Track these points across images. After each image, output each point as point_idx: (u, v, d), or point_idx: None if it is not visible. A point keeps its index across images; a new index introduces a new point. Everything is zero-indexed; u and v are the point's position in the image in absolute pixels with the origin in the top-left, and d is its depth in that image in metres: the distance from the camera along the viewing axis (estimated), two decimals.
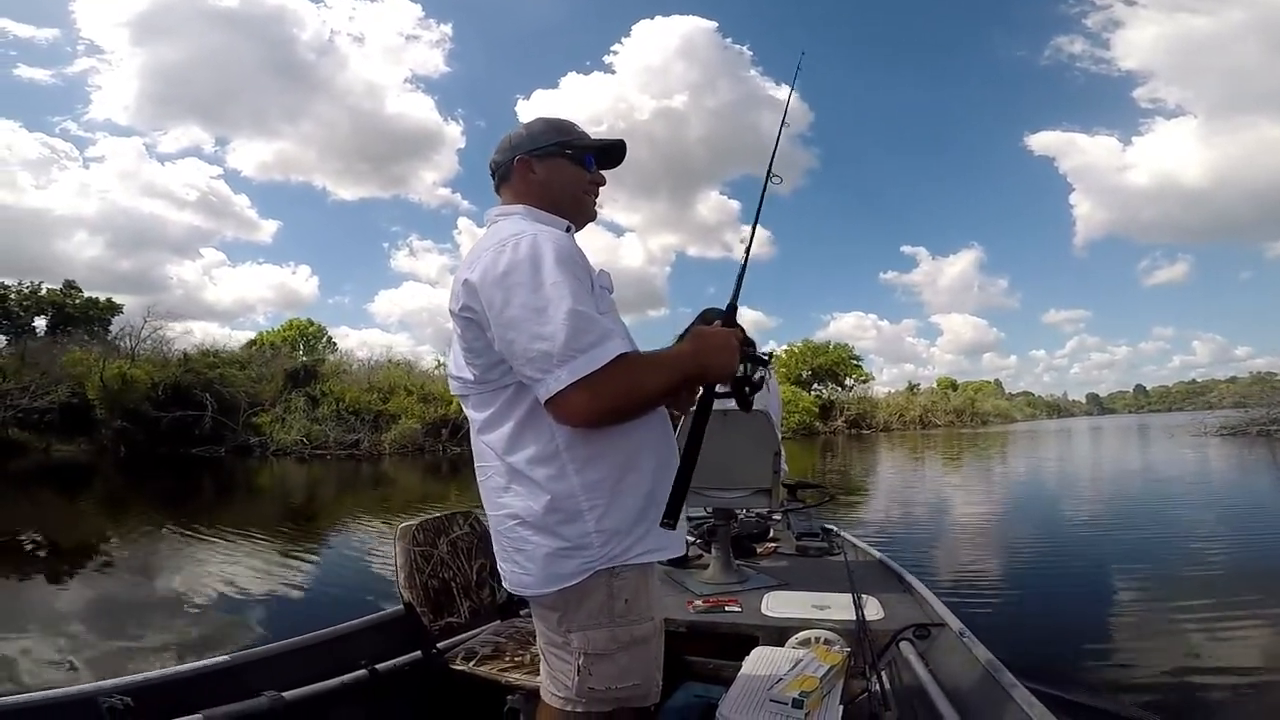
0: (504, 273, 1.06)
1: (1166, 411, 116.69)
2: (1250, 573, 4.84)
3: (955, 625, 1.97)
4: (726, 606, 2.33)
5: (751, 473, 2.64)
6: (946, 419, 52.46)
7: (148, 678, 1.55)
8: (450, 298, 1.16)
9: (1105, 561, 5.48)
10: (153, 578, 5.89)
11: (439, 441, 25.69)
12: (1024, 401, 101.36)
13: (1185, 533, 6.61)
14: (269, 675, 1.72)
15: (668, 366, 1.12)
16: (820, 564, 3.01)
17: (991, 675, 1.60)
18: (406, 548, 1.85)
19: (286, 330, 41.13)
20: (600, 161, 1.31)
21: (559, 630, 1.15)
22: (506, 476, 1.15)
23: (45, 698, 1.39)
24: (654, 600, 1.20)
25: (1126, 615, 4.01)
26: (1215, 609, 3.92)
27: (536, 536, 1.12)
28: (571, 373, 1.00)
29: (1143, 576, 4.87)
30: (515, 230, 1.11)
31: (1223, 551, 5.67)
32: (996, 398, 74.51)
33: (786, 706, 1.49)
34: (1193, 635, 3.56)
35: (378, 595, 4.55)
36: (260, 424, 24.90)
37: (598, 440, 1.09)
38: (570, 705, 1.15)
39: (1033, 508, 9.17)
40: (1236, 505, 8.66)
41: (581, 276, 1.09)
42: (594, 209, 1.32)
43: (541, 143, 1.26)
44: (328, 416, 25.29)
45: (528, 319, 1.03)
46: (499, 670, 1.71)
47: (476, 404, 1.19)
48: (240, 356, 29.73)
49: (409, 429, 25.35)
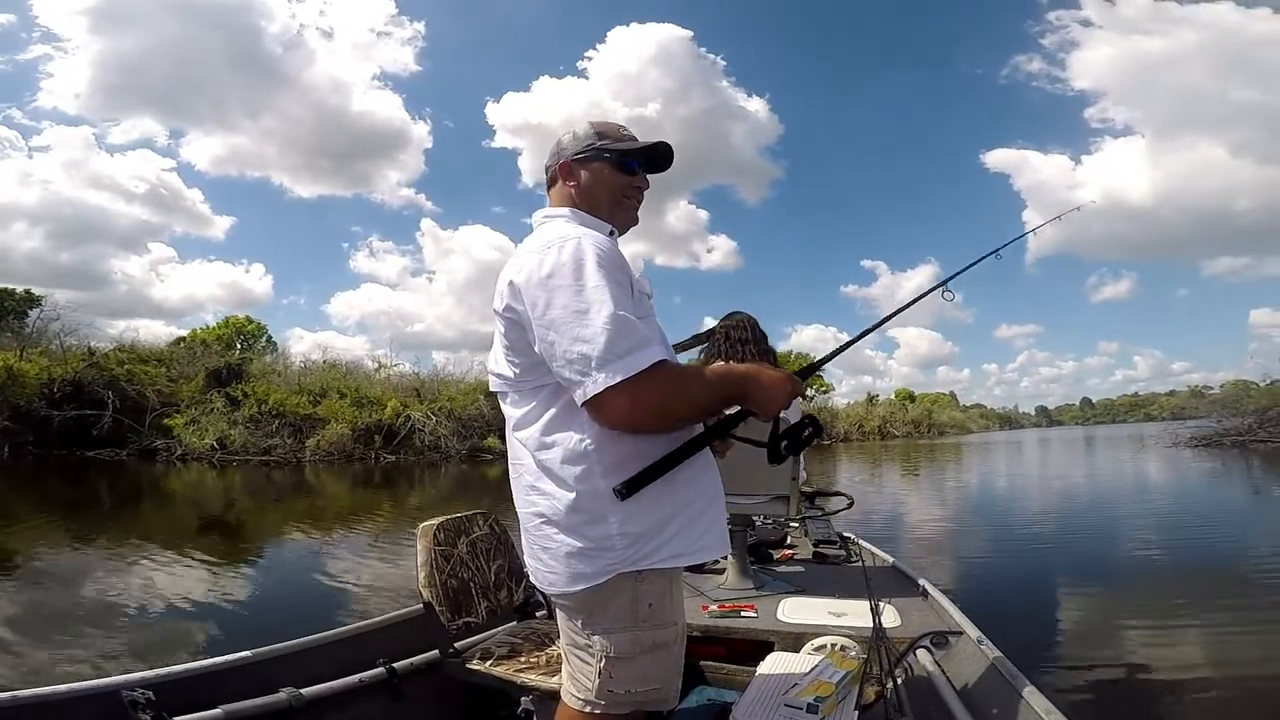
0: (547, 275, 1.07)
1: (1111, 423, 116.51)
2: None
3: (974, 633, 1.94)
4: (743, 612, 2.32)
5: (770, 479, 2.64)
6: (904, 430, 52.77)
7: (170, 672, 1.58)
8: (495, 297, 1.18)
9: (1123, 570, 5.40)
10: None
11: (371, 449, 23.29)
12: (977, 413, 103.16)
13: (1202, 540, 6.47)
14: (288, 672, 1.75)
15: (714, 379, 1.13)
16: (837, 571, 2.99)
17: (1010, 684, 1.58)
18: (427, 546, 1.88)
19: (222, 328, 38.26)
20: (646, 165, 1.32)
21: (582, 632, 1.16)
22: (536, 474, 1.17)
23: (69, 690, 1.42)
24: (678, 605, 1.20)
25: (1151, 624, 3.92)
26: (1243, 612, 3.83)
27: (561, 535, 1.13)
28: (610, 376, 1.01)
29: (1163, 586, 4.77)
30: (561, 233, 1.13)
31: (1245, 559, 5.53)
32: (952, 409, 75.86)
33: (801, 711, 1.49)
34: (1230, 643, 3.48)
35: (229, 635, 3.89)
36: (171, 426, 22.23)
37: (628, 444, 1.09)
38: (589, 707, 1.16)
39: (1046, 516, 9.02)
40: (1239, 512, 8.50)
41: (623, 281, 1.10)
42: (634, 212, 1.32)
43: (584, 146, 1.27)
44: (247, 419, 22.82)
45: (569, 321, 1.04)
46: (515, 671, 1.73)
47: (514, 401, 1.21)
48: (161, 353, 26.58)
49: (337, 434, 22.90)
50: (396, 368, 29.57)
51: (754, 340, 2.82)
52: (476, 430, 25.05)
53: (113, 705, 1.44)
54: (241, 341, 36.88)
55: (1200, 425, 22.23)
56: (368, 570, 5.90)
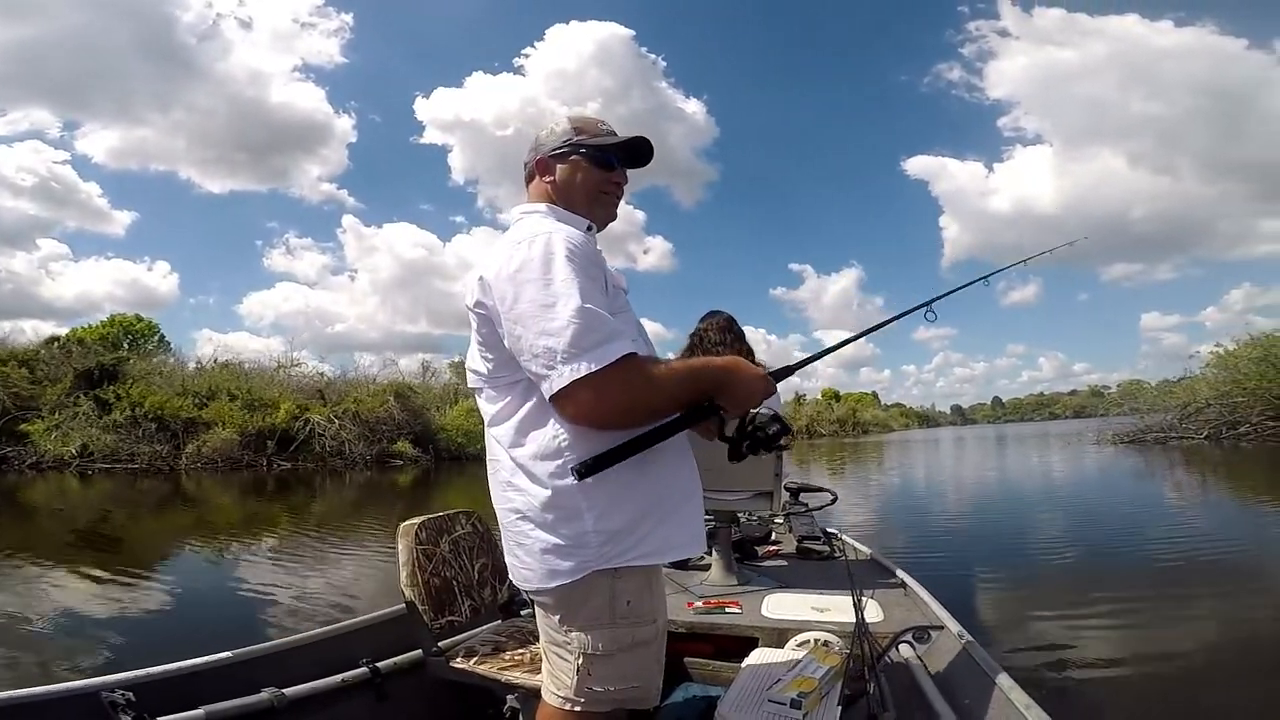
0: (516, 270, 1.08)
1: (1020, 422, 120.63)
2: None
3: (954, 628, 1.97)
4: (727, 608, 2.33)
5: (753, 475, 2.65)
6: (831, 428, 54.54)
7: (150, 673, 1.56)
8: (466, 293, 1.18)
9: (1089, 561, 5.51)
10: None
11: (263, 455, 21.65)
12: (898, 412, 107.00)
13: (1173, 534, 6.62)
14: (270, 672, 1.73)
15: (688, 371, 1.13)
16: (821, 566, 3.01)
17: (990, 677, 1.60)
18: (409, 546, 1.86)
19: (107, 327, 35.09)
20: (626, 160, 1.31)
21: (560, 629, 1.16)
22: (511, 470, 1.17)
23: (47, 692, 1.39)
24: (658, 603, 1.20)
25: (1119, 617, 3.99)
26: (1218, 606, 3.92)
27: (536, 531, 1.13)
28: (575, 370, 1.01)
29: (1131, 577, 4.86)
30: (532, 229, 1.13)
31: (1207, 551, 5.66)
32: (875, 409, 79.67)
33: (784, 707, 1.50)
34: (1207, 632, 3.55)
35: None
36: (29, 431, 20.22)
37: (602, 440, 1.08)
38: (569, 705, 1.16)
39: (1010, 509, 9.20)
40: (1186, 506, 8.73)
41: (594, 275, 1.10)
42: (613, 208, 1.32)
43: (561, 142, 1.26)
44: (119, 424, 20.83)
45: (535, 315, 1.04)
46: (499, 669, 1.72)
47: (489, 397, 1.20)
48: (27, 353, 23.91)
49: (223, 439, 21.16)
50: (299, 368, 27.46)
51: (733, 339, 2.89)
52: (386, 434, 23.45)
53: (93, 707, 1.42)
54: (130, 341, 33.43)
55: (1124, 422, 22.77)
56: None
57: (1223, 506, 8.78)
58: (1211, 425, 19.13)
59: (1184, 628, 3.66)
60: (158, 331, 37.27)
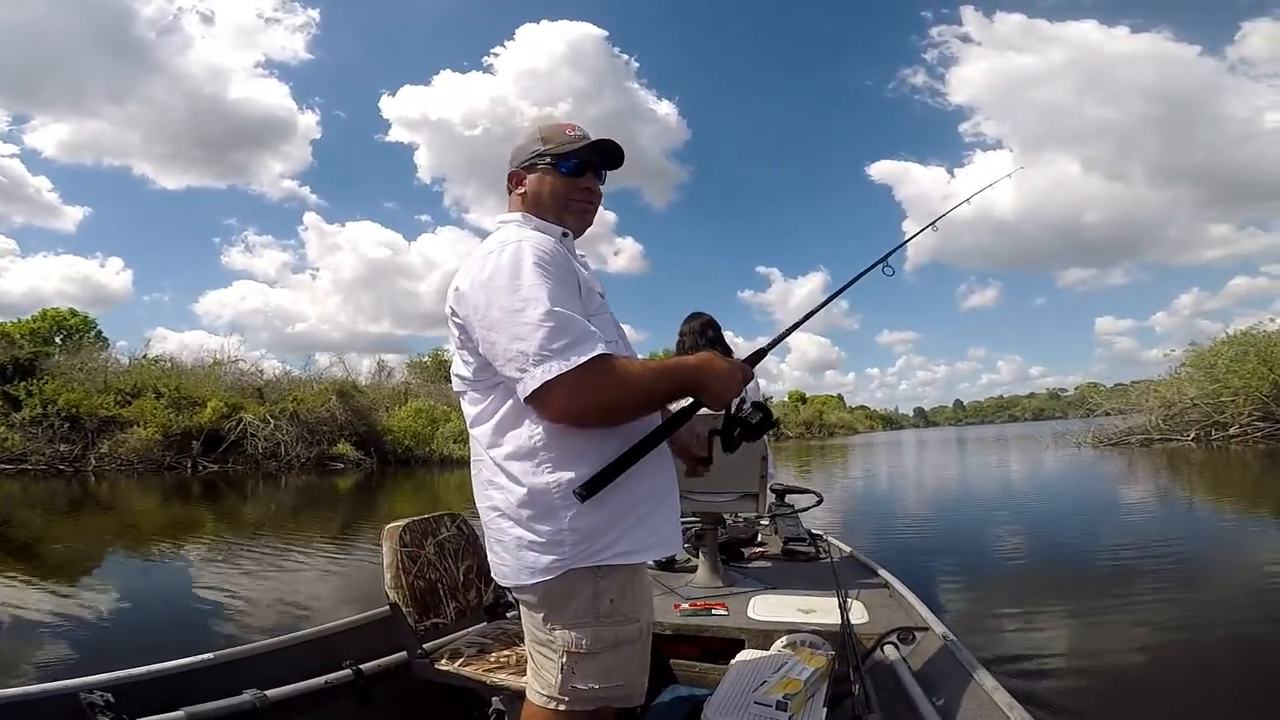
0: (487, 278, 1.11)
1: (980, 424, 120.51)
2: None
3: (939, 629, 1.98)
4: (713, 609, 2.33)
5: (738, 477, 2.66)
6: (797, 430, 54.64)
7: (130, 674, 1.54)
8: (445, 303, 1.22)
9: (1074, 561, 5.55)
10: None
11: (189, 456, 20.33)
12: (863, 414, 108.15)
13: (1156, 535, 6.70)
14: (252, 673, 1.72)
15: (663, 372, 1.14)
16: (807, 568, 3.03)
17: (974, 678, 1.61)
18: (393, 548, 1.85)
19: (37, 321, 32.69)
20: (599, 165, 1.32)
21: (544, 627, 1.17)
22: (492, 469, 1.19)
23: (23, 693, 1.38)
24: (641, 602, 1.21)
25: (1100, 616, 4.04)
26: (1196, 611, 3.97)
27: (514, 528, 1.16)
28: (546, 371, 1.03)
29: (1109, 576, 4.92)
30: (503, 238, 1.17)
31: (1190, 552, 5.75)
32: (840, 411, 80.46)
33: (770, 709, 1.50)
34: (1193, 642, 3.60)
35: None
36: None
37: (578, 439, 1.12)
38: (554, 704, 1.16)
39: (991, 513, 9.26)
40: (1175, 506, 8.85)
41: (565, 279, 1.12)
42: (586, 214, 1.33)
43: (527, 155, 1.29)
44: (32, 421, 19.52)
45: (506, 321, 1.07)
46: (484, 670, 1.71)
47: (471, 400, 1.23)
48: None
49: (143, 439, 19.79)
50: (237, 364, 25.50)
51: (706, 344, 3.01)
52: (326, 436, 22.24)
53: (71, 708, 1.40)
54: (63, 337, 31.54)
55: (1105, 423, 22.54)
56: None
57: (1210, 514, 8.86)
58: (1198, 426, 18.65)
59: (1167, 629, 3.69)
60: (94, 326, 35.10)
